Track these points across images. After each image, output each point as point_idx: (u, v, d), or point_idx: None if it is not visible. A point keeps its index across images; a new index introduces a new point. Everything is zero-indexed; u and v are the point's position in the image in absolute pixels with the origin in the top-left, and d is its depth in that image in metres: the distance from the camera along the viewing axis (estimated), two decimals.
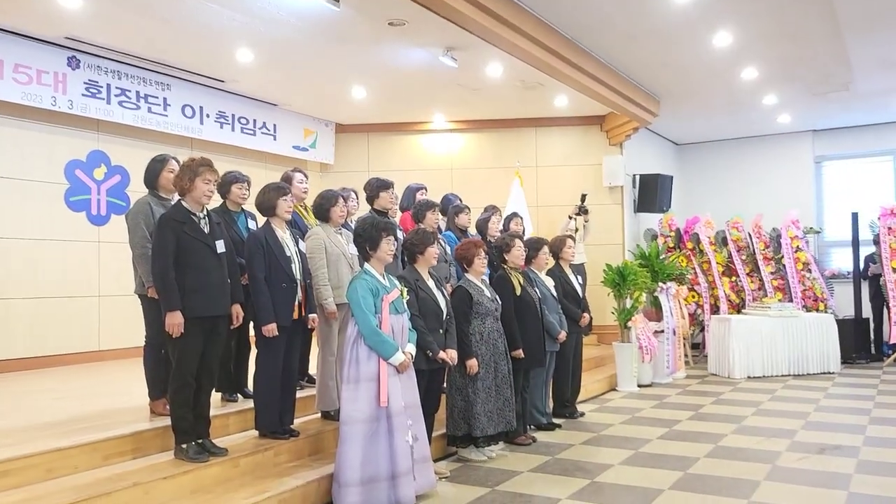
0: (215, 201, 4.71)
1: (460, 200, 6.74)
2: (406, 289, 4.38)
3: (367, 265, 4.31)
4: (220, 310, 4.12)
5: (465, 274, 5.21)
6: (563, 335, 5.92)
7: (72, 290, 7.52)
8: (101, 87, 7.54)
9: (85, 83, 7.38)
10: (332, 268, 4.81)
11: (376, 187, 5.68)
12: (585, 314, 6.52)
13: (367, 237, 4.30)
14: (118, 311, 7.73)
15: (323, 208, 4.93)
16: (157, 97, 8.09)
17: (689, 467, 4.81)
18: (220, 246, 4.13)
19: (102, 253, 7.79)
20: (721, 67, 8.31)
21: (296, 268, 4.55)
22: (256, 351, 4.52)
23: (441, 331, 4.60)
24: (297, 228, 5.17)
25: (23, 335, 7.06)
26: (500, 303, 5.25)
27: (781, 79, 8.86)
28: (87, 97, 7.41)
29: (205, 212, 4.15)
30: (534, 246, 6.06)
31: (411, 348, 4.27)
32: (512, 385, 5.15)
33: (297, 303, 4.53)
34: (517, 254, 5.65)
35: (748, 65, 8.25)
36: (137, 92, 7.89)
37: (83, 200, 7.71)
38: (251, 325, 4.66)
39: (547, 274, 6.21)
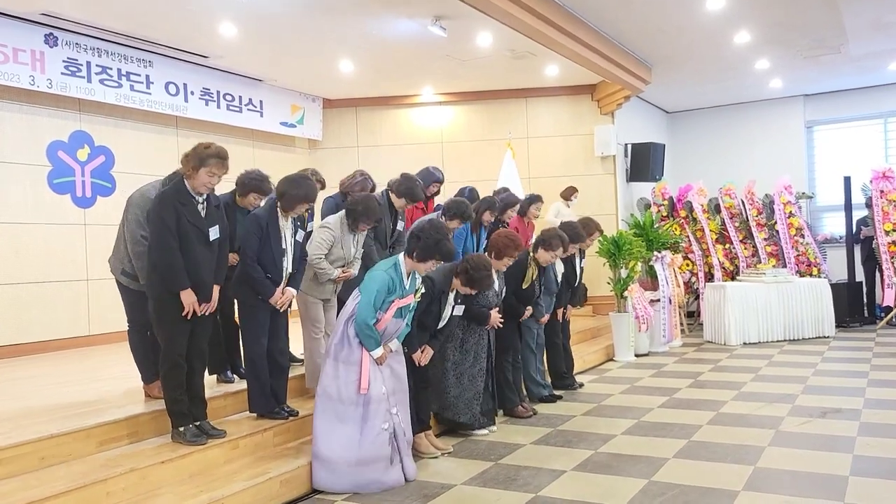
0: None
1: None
2: (422, 291, 4.25)
3: (400, 258, 4.15)
4: (206, 294, 3.98)
5: None
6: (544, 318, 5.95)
7: (59, 275, 7.37)
8: (81, 65, 7.33)
9: (64, 61, 7.17)
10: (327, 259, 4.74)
11: (415, 188, 5.30)
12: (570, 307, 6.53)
13: (423, 247, 4.07)
14: (107, 294, 7.55)
15: (355, 215, 4.69)
16: (139, 74, 7.88)
17: (692, 435, 4.79)
18: (214, 232, 4.00)
19: (89, 235, 7.63)
20: (713, 32, 8.18)
21: (287, 261, 4.40)
22: (242, 334, 4.44)
23: (429, 333, 4.55)
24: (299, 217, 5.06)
25: (8, 322, 6.91)
26: (502, 296, 5.18)
27: (774, 42, 8.74)
28: (67, 76, 7.20)
29: (205, 194, 3.99)
30: (565, 244, 5.83)
31: (395, 344, 4.19)
32: (487, 375, 5.09)
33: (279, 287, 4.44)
34: (547, 258, 5.50)
35: (741, 28, 8.12)
36: (119, 69, 7.68)
37: (67, 182, 7.53)
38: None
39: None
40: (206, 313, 3.99)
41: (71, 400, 4.56)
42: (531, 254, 5.56)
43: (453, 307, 4.64)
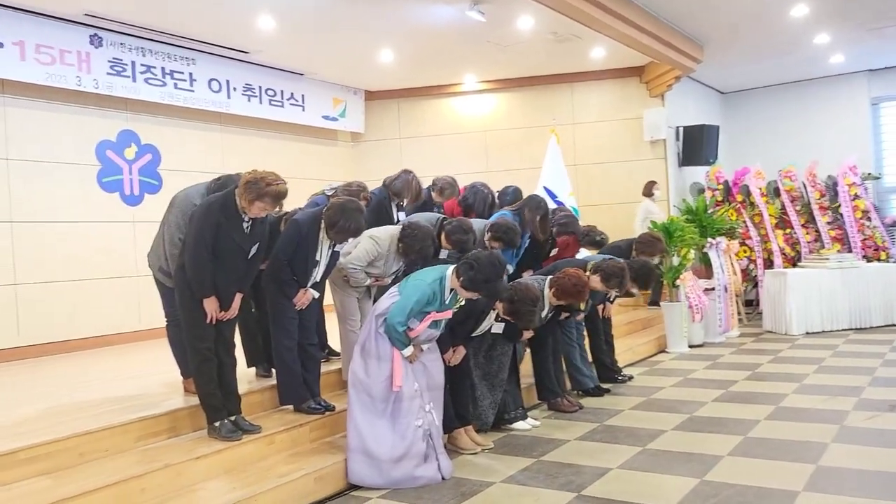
0: None
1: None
2: (461, 304, 4.12)
3: (448, 273, 3.98)
4: (228, 303, 3.96)
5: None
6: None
7: (109, 272, 7.49)
8: (126, 64, 7.43)
9: (109, 61, 7.28)
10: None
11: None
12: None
13: (473, 279, 3.86)
14: (157, 290, 7.68)
15: (409, 250, 4.62)
16: (182, 72, 7.96)
17: (748, 431, 4.53)
18: (253, 249, 3.98)
19: (138, 233, 7.74)
20: (769, 5, 7.76)
21: (318, 271, 4.38)
22: (271, 327, 4.41)
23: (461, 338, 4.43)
24: None
25: (62, 318, 7.05)
26: (547, 317, 5.01)
27: (834, 15, 8.25)
28: (113, 75, 7.31)
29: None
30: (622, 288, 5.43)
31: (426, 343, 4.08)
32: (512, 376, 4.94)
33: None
34: (598, 287, 5.16)
35: (798, 1, 7.69)
36: (163, 68, 7.76)
37: (116, 181, 7.65)
38: None
39: None
40: (225, 320, 3.97)
41: (113, 395, 4.59)
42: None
43: (492, 324, 4.51)
